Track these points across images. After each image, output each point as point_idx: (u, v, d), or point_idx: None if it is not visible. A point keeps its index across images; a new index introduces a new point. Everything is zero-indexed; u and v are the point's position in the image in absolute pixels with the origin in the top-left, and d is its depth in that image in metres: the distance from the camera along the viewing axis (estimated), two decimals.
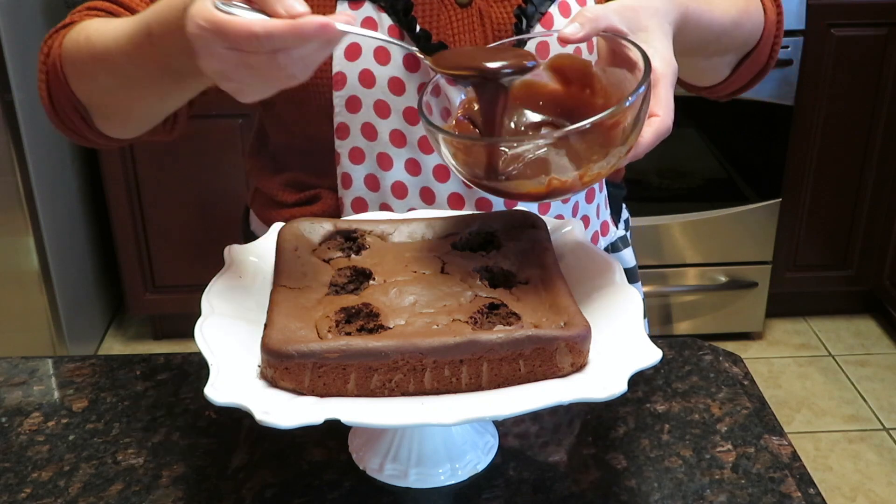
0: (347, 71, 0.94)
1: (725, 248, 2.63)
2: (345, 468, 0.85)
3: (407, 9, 0.93)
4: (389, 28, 0.94)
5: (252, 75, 0.69)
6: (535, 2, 0.95)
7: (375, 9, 0.94)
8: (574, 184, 0.76)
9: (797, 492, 0.82)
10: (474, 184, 0.79)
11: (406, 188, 1.00)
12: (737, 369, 0.99)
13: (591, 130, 0.72)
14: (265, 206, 1.10)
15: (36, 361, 1.03)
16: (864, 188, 2.62)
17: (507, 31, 0.95)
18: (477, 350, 0.71)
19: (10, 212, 2.29)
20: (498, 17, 0.96)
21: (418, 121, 0.96)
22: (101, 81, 0.88)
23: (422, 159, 0.98)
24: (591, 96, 0.83)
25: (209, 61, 0.69)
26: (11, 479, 0.85)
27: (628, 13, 0.80)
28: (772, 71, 1.11)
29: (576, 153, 0.76)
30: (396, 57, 0.94)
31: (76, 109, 0.92)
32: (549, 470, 0.85)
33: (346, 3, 0.94)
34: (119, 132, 0.96)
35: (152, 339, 2.76)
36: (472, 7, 0.95)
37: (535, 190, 0.77)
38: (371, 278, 0.81)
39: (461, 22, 0.95)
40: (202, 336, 0.74)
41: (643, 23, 0.80)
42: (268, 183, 1.08)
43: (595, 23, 0.78)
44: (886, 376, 2.60)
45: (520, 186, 0.77)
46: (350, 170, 1.00)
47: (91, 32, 0.87)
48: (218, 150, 2.45)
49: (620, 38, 0.79)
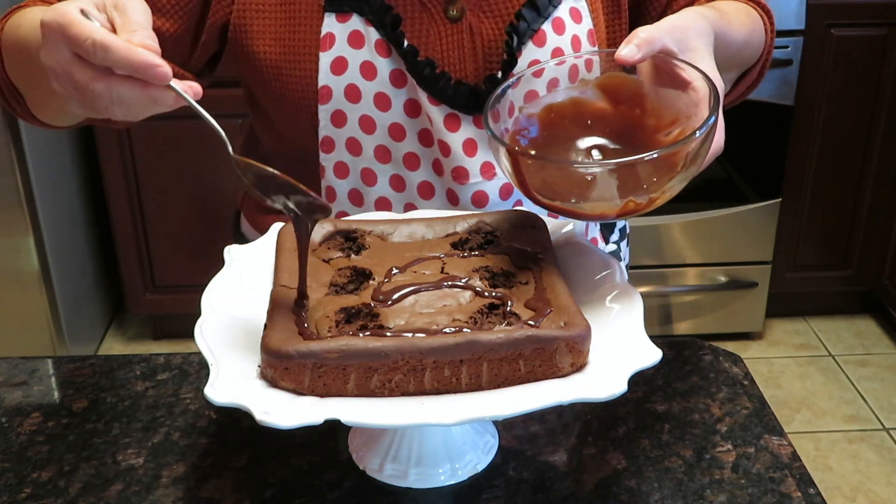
0: (333, 85, 0.93)
1: (725, 248, 2.63)
2: (345, 468, 0.85)
3: (395, 23, 0.92)
4: (377, 42, 0.93)
5: (74, 88, 0.70)
6: (528, 18, 0.93)
7: (363, 22, 0.92)
8: (647, 205, 0.77)
9: (797, 492, 0.82)
10: (538, 202, 0.80)
11: (390, 204, 0.99)
12: (737, 369, 0.99)
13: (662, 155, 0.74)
14: (255, 211, 1.10)
15: (36, 361, 1.03)
16: (864, 188, 2.62)
17: (498, 48, 0.94)
18: (477, 350, 0.71)
19: (10, 212, 2.29)
20: (489, 33, 0.94)
21: (403, 137, 0.96)
22: (23, 70, 0.89)
23: (406, 175, 0.98)
24: (641, 116, 0.84)
25: (46, 54, 0.71)
26: (11, 479, 0.85)
27: (678, 34, 0.81)
28: (772, 71, 1.11)
29: (645, 174, 0.76)
30: (383, 72, 0.93)
31: (12, 90, 0.92)
32: (549, 470, 0.85)
33: (333, 15, 0.93)
34: (52, 119, 0.96)
35: (152, 339, 2.76)
36: (463, 22, 0.94)
37: (610, 211, 0.78)
38: (371, 278, 0.81)
39: (451, 38, 0.94)
40: (202, 336, 0.74)
41: (691, 43, 0.81)
42: None
43: (651, 45, 0.79)
44: (886, 376, 2.60)
45: (595, 208, 0.78)
46: (334, 184, 0.99)
47: (24, 20, 0.88)
48: (217, 150, 2.43)
49: (674, 59, 0.80)
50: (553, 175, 0.79)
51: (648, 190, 0.76)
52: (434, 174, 0.97)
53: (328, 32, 0.92)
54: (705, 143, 0.76)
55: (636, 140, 0.83)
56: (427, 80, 0.93)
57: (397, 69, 0.93)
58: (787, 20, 2.35)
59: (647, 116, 0.84)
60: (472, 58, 0.94)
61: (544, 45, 0.94)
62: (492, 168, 0.96)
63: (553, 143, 0.86)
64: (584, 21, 0.97)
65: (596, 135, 0.86)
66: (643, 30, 0.79)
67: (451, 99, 0.94)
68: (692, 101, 0.79)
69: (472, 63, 0.95)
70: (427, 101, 0.93)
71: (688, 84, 0.79)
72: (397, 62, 0.93)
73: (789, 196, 2.59)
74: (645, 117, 0.84)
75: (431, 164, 0.97)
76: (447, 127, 0.94)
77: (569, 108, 0.87)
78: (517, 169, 0.79)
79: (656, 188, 0.76)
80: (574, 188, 0.78)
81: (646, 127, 0.84)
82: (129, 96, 0.70)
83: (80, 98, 0.71)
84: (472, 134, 0.95)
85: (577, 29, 0.96)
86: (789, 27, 2.36)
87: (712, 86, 0.78)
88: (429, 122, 0.94)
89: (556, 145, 0.86)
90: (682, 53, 0.81)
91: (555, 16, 0.95)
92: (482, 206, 0.98)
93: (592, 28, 0.97)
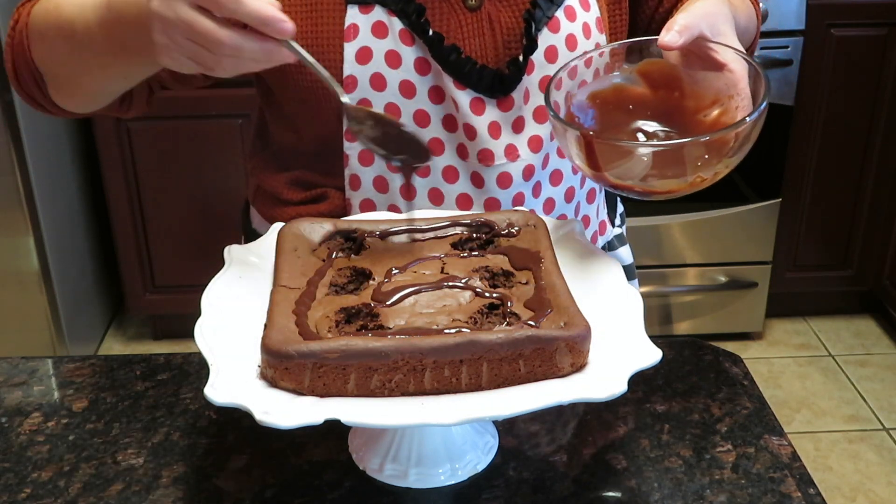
0: (358, 74, 0.95)
1: (725, 248, 2.63)
2: (345, 468, 0.85)
3: (419, 12, 0.94)
4: (401, 32, 0.94)
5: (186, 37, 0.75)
6: (543, 6, 0.96)
7: (386, 13, 0.94)
8: (710, 180, 0.83)
9: (797, 492, 0.82)
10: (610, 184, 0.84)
11: (415, 189, 1.00)
12: (737, 369, 0.99)
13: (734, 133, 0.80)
14: (269, 204, 1.10)
15: (36, 361, 1.03)
16: (864, 188, 2.62)
17: (516, 35, 0.96)
18: (477, 350, 0.71)
19: (10, 212, 2.29)
20: (507, 21, 0.97)
21: (428, 123, 0.98)
22: (59, 50, 0.92)
23: (431, 161, 0.99)
24: (680, 98, 0.90)
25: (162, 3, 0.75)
26: (11, 479, 0.85)
27: (711, 19, 0.88)
28: (772, 71, 1.13)
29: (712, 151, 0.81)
30: (408, 60, 0.95)
31: (34, 77, 0.95)
32: (549, 470, 0.85)
33: (356, 7, 0.94)
34: (71, 104, 0.99)
35: (152, 339, 2.76)
36: (482, 11, 0.96)
37: (679, 188, 0.83)
38: (371, 278, 0.81)
39: (471, 26, 0.96)
40: (202, 336, 0.74)
41: (721, 28, 0.88)
42: (271, 181, 1.08)
43: (691, 31, 0.85)
44: (886, 376, 2.60)
45: (666, 185, 0.83)
46: (359, 171, 1.00)
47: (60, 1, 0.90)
48: (218, 150, 2.45)
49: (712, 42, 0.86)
50: (623, 157, 0.83)
51: (713, 164, 0.81)
52: (458, 158, 0.99)
53: (352, 24, 0.94)
54: (759, 121, 0.81)
55: (678, 121, 0.88)
56: (453, 65, 0.95)
57: (421, 57, 0.95)
58: (787, 20, 2.35)
59: (687, 99, 0.89)
60: (492, 45, 0.97)
61: (559, 32, 0.97)
62: (515, 150, 0.98)
63: (607, 128, 0.90)
64: (592, 9, 1.00)
65: (642, 118, 0.90)
66: (681, 17, 0.85)
67: (476, 83, 0.96)
68: (731, 82, 0.85)
69: (493, 50, 0.97)
70: (453, 86, 0.95)
71: (723, 66, 0.85)
72: (422, 50, 0.94)
73: (789, 196, 2.59)
74: (684, 100, 0.89)
75: (456, 148, 0.98)
76: (473, 111, 0.96)
77: (611, 94, 0.92)
78: (590, 152, 0.83)
79: (721, 162, 0.81)
80: (645, 168, 0.82)
81: (685, 108, 0.89)
82: (247, 48, 0.75)
83: (189, 49, 0.76)
84: (496, 117, 0.97)
85: (586, 17, 0.99)
86: (789, 27, 2.36)
87: (755, 65, 0.84)
88: (454, 107, 0.96)
89: (611, 129, 0.89)
90: (714, 38, 0.87)
91: (566, 4, 0.98)
92: (506, 186, 0.99)
93: (599, 16, 1.00)
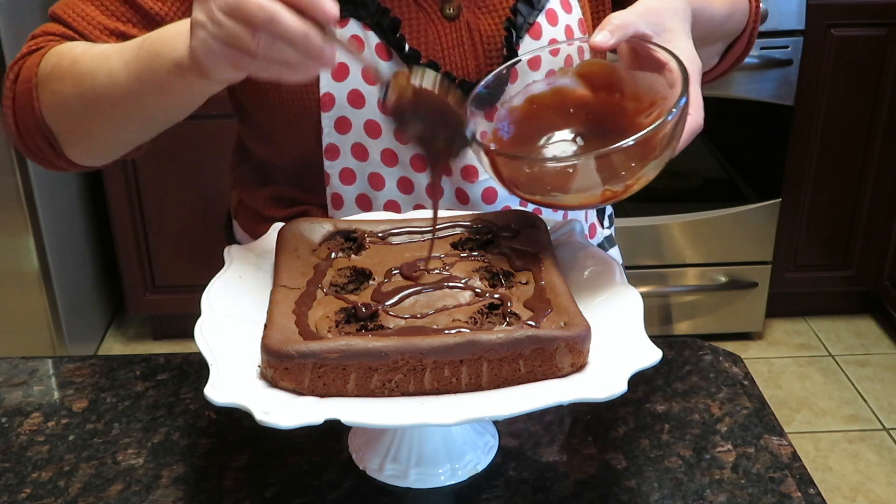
0: (335, 91, 0.93)
1: (725, 248, 2.63)
2: (345, 468, 0.85)
3: (394, 26, 0.92)
4: (377, 46, 0.92)
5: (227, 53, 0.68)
6: (524, 12, 0.94)
7: (361, 27, 0.92)
8: (624, 192, 0.78)
9: (797, 492, 0.82)
10: (520, 196, 0.82)
11: (399, 206, 0.99)
12: (737, 369, 0.99)
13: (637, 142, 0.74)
14: (250, 220, 1.09)
15: (36, 361, 1.03)
16: (864, 188, 2.62)
17: (497, 44, 0.94)
18: (477, 350, 0.71)
19: (10, 212, 2.29)
20: (487, 29, 0.95)
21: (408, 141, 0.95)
22: (75, 103, 0.86)
23: (414, 177, 0.98)
24: (621, 100, 0.85)
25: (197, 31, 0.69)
26: (11, 479, 0.85)
27: (653, 17, 0.82)
28: (772, 71, 1.12)
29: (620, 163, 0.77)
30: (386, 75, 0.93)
31: (42, 134, 0.90)
32: (549, 470, 0.85)
33: None
34: (87, 158, 0.94)
35: (152, 339, 2.76)
36: (460, 20, 0.94)
37: (589, 201, 0.79)
38: (371, 278, 0.81)
39: (449, 36, 0.94)
40: (202, 336, 0.74)
41: (667, 24, 0.82)
42: (252, 196, 1.07)
43: (624, 30, 0.80)
44: (886, 376, 2.60)
45: (574, 199, 0.79)
46: (341, 190, 0.99)
47: (76, 55, 0.86)
48: (218, 150, 2.43)
49: (648, 42, 0.81)
50: (530, 170, 0.81)
51: (626, 177, 0.77)
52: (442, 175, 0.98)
53: None
54: (678, 126, 0.76)
55: (618, 124, 0.84)
56: None
57: None
58: (787, 20, 2.35)
59: (627, 100, 0.85)
60: (472, 55, 0.95)
61: (540, 38, 0.95)
62: None
63: (535, 135, 0.87)
64: (574, 11, 0.98)
65: (578, 122, 0.87)
66: (616, 15, 0.81)
67: None
68: (668, 83, 0.80)
69: (473, 60, 0.95)
70: None
71: (663, 66, 0.80)
72: (399, 65, 0.93)
73: (789, 196, 2.59)
74: (625, 101, 0.85)
75: None
76: None
77: (550, 97, 0.88)
78: (494, 167, 0.80)
79: (633, 175, 0.77)
80: (552, 181, 0.79)
81: (626, 110, 0.85)
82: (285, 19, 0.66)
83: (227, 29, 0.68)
84: None
85: (568, 19, 0.97)
86: (789, 27, 2.36)
87: (682, 67, 0.78)
88: None
89: (538, 137, 0.86)
90: (658, 35, 0.82)
91: (548, 7, 0.96)
92: (491, 202, 0.98)
93: (582, 17, 0.99)
